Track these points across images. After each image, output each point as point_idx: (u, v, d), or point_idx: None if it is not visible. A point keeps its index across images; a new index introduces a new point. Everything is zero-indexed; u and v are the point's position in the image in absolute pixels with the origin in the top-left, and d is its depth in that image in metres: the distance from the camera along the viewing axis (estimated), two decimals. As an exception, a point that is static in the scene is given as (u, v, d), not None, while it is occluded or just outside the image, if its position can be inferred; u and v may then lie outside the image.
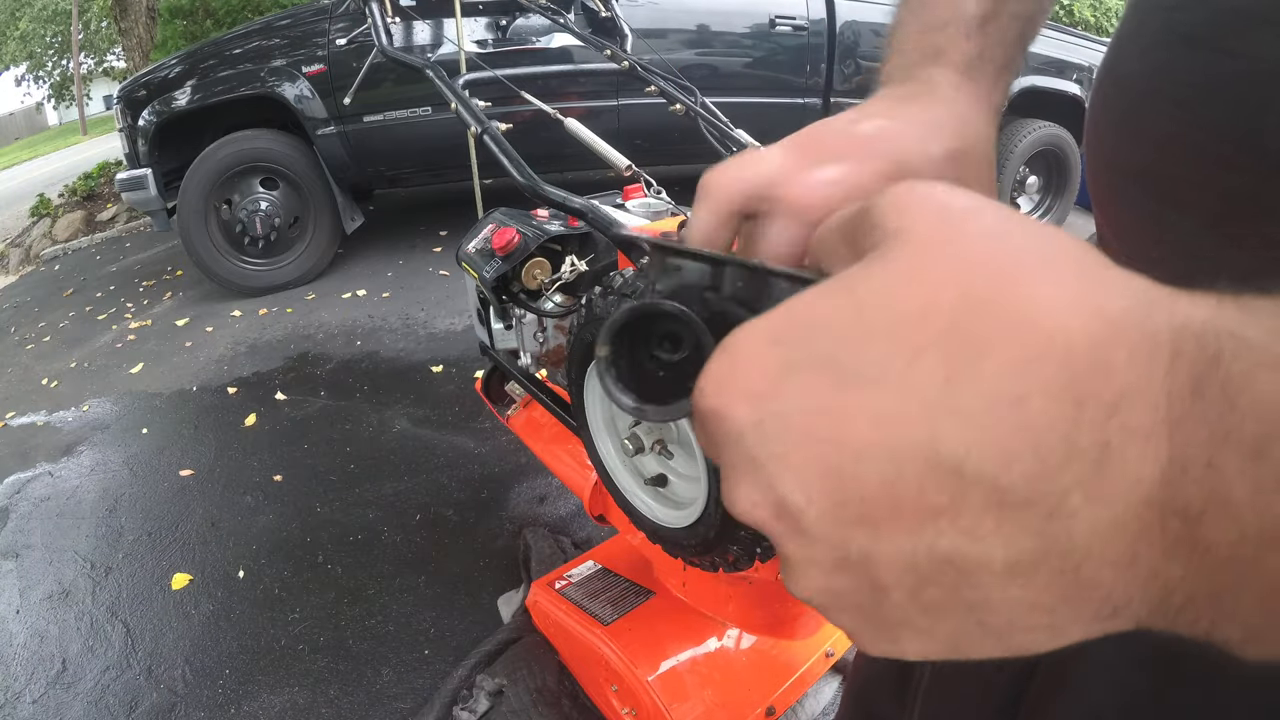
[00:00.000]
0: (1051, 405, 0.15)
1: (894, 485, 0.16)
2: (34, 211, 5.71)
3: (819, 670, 1.14)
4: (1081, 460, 0.15)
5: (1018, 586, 0.16)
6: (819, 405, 0.17)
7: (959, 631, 0.17)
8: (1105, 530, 0.15)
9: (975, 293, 0.16)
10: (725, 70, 3.45)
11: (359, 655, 1.41)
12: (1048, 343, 0.15)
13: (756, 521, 0.19)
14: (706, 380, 0.19)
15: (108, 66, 19.05)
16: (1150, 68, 0.33)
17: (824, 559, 0.18)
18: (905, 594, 0.17)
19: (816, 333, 0.18)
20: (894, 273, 0.17)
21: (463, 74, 1.38)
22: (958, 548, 0.16)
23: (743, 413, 0.18)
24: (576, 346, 0.86)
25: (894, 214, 0.19)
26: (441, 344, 2.69)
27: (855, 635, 0.19)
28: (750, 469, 0.18)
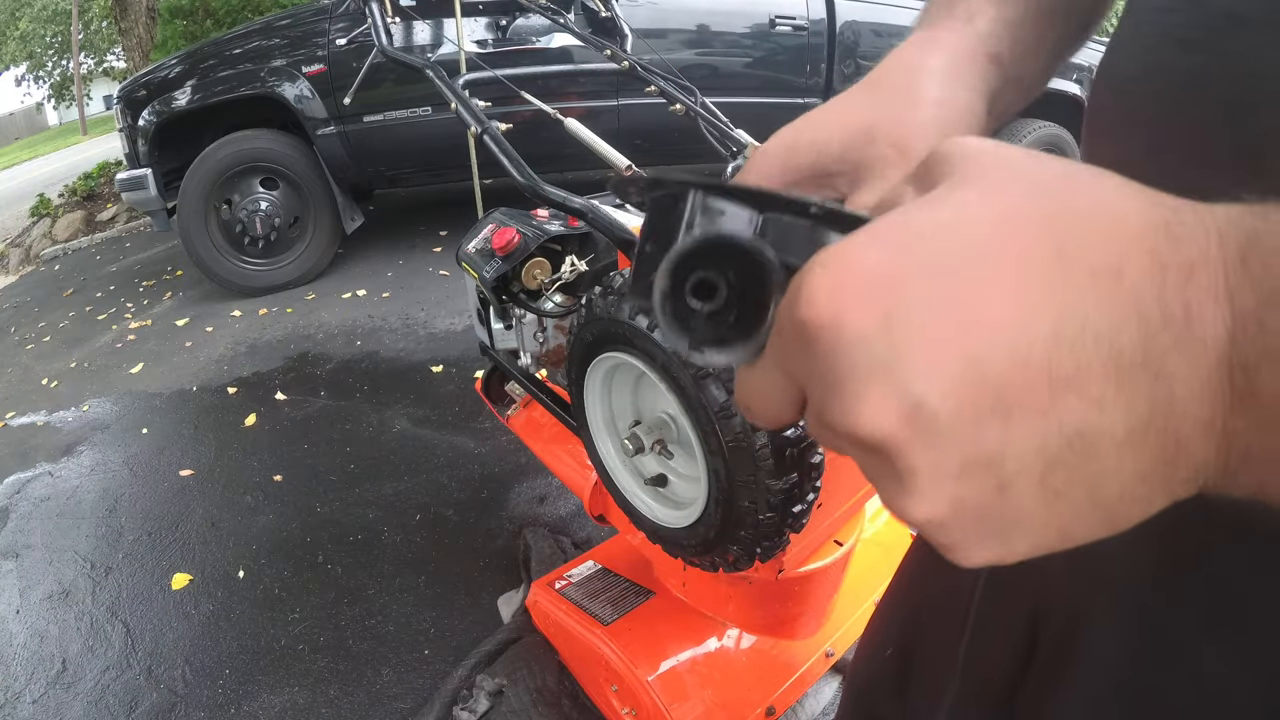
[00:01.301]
0: (1143, 273, 0.17)
1: (1027, 364, 0.17)
2: (34, 211, 5.71)
3: (819, 670, 1.14)
4: (1173, 322, 0.17)
5: (1131, 454, 0.17)
6: (945, 297, 0.18)
7: (1072, 515, 0.18)
8: (1195, 388, 0.17)
9: (1056, 193, 0.18)
10: (725, 70, 3.45)
11: (359, 655, 1.41)
12: (1126, 222, 0.18)
13: (882, 433, 0.18)
14: (814, 291, 0.19)
15: (108, 66, 19.05)
16: (1145, 70, 0.33)
17: (953, 465, 0.18)
18: (1032, 483, 0.18)
19: (922, 236, 0.18)
20: (981, 186, 0.19)
21: (463, 74, 1.37)
22: (1086, 418, 0.17)
23: (866, 315, 0.18)
24: (576, 346, 0.86)
25: (959, 151, 0.20)
26: (441, 344, 2.69)
27: (960, 548, 0.19)
28: (879, 372, 0.18)
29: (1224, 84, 0.29)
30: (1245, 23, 0.28)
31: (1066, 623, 0.38)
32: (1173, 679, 0.33)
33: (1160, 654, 0.34)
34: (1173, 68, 0.31)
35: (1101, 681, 0.36)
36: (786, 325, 0.20)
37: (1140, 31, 0.33)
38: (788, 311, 0.20)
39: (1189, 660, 0.32)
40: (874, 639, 0.63)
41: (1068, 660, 0.38)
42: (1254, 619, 0.31)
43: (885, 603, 0.63)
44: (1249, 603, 0.31)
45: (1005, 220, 0.18)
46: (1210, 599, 0.32)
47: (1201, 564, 0.32)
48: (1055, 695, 0.39)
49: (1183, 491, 0.18)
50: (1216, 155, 0.29)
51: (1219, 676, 0.31)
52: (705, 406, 0.69)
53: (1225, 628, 0.31)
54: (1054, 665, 0.39)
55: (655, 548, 0.91)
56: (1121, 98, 0.34)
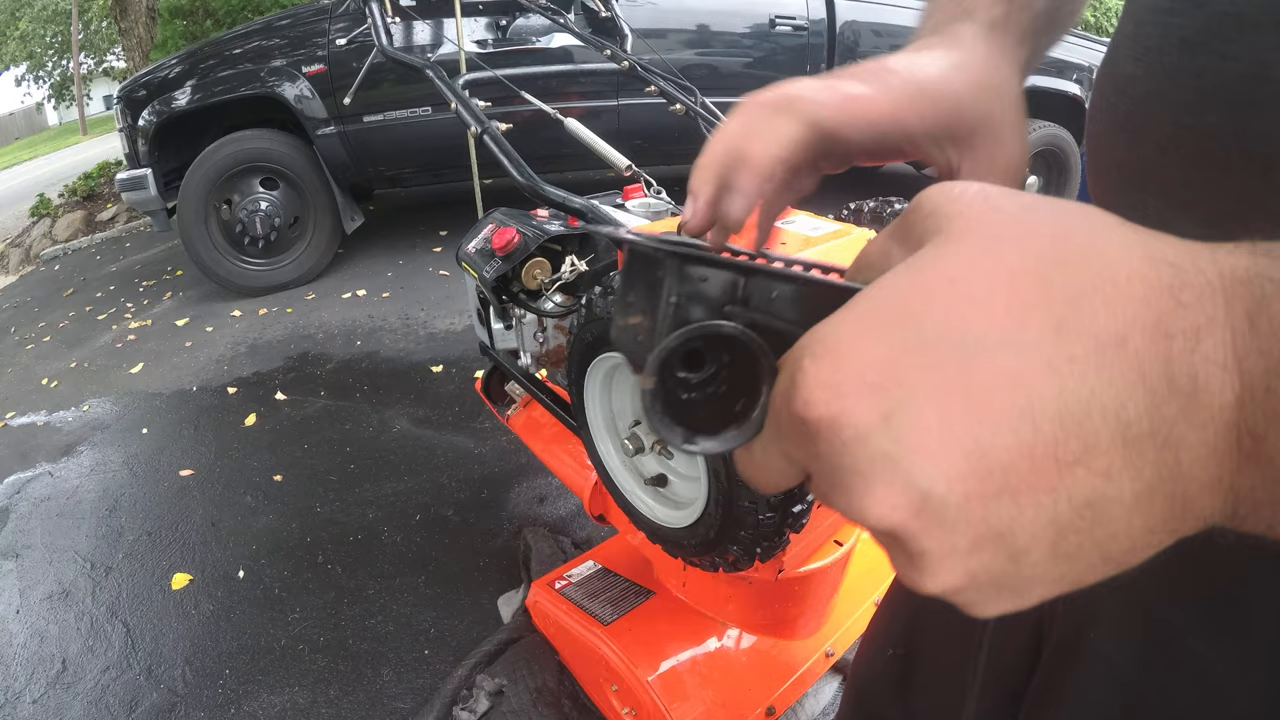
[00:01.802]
0: (1148, 341, 0.17)
1: (1032, 446, 0.17)
2: (34, 211, 5.71)
3: (819, 670, 1.14)
4: (1179, 392, 0.17)
5: (1140, 515, 0.17)
6: (944, 385, 0.17)
7: (1084, 568, 0.18)
8: (1202, 453, 0.17)
9: (1052, 254, 0.18)
10: (725, 70, 3.45)
11: (359, 655, 1.41)
12: (1129, 287, 0.17)
13: (891, 524, 0.18)
14: (811, 390, 0.18)
15: (108, 66, 19.03)
16: (1149, 71, 0.33)
17: (964, 543, 0.18)
18: (1044, 550, 0.18)
19: (915, 314, 0.18)
20: (971, 247, 0.18)
21: (463, 74, 1.38)
22: (1095, 489, 0.17)
23: (865, 412, 0.18)
24: (576, 346, 0.86)
25: (945, 203, 0.20)
26: (441, 344, 2.69)
27: (977, 607, 0.19)
28: (885, 467, 0.17)
29: (1226, 84, 0.29)
30: (1246, 23, 0.28)
31: (1072, 625, 0.38)
32: (1176, 680, 0.33)
33: (1164, 656, 0.34)
34: (1175, 68, 0.31)
35: (1106, 683, 0.36)
36: (785, 418, 0.19)
37: (1142, 32, 0.33)
38: (785, 404, 0.19)
39: (1192, 662, 0.32)
40: (876, 640, 0.63)
41: (1073, 662, 0.38)
42: (1258, 622, 0.31)
43: (887, 604, 0.62)
44: (1253, 606, 0.31)
45: (999, 287, 0.17)
46: (1214, 601, 0.32)
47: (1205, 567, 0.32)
48: (1060, 696, 0.39)
49: (1190, 533, 0.18)
50: (1220, 155, 0.29)
51: (1222, 678, 0.31)
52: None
53: (1229, 630, 0.31)
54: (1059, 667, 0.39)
55: (655, 548, 0.91)
56: (1124, 97, 0.34)
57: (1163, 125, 0.32)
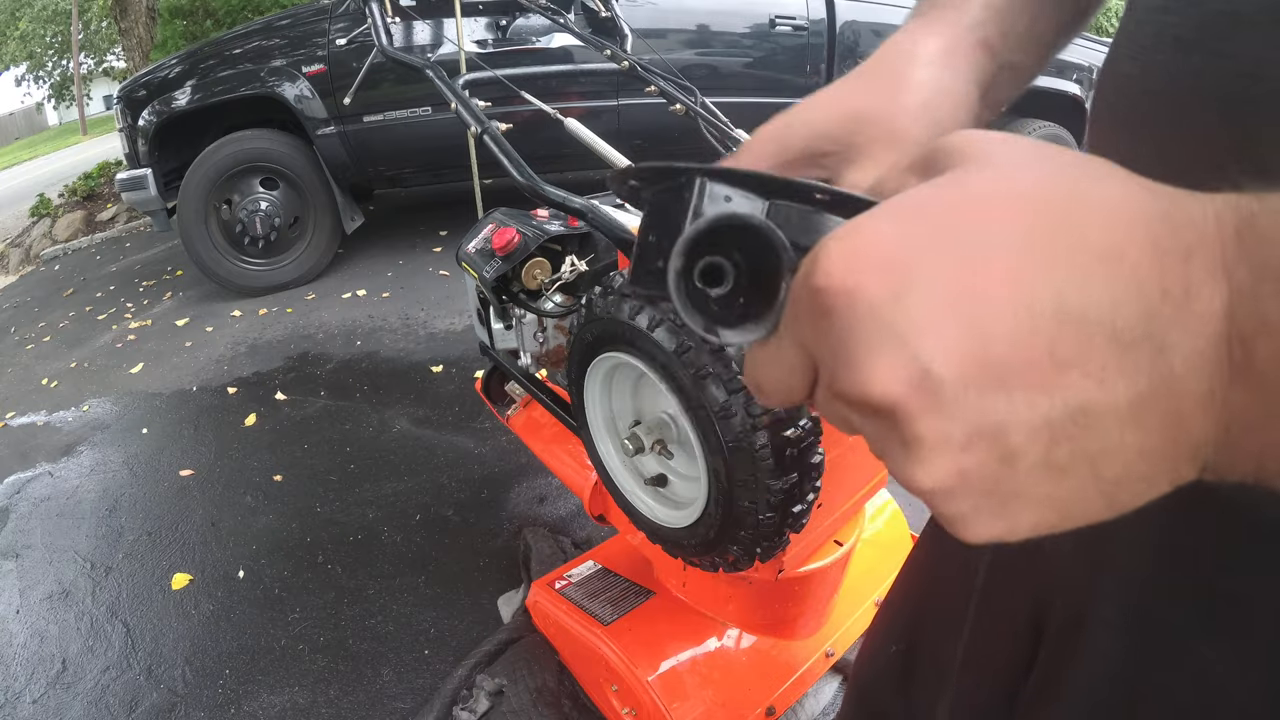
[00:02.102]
0: (1144, 255, 0.18)
1: (1030, 341, 0.18)
2: (34, 211, 5.71)
3: (819, 670, 1.14)
4: (1172, 299, 0.18)
5: (1133, 430, 0.18)
6: (953, 272, 0.18)
7: (1075, 492, 0.19)
8: (1194, 362, 0.18)
9: (1060, 180, 0.19)
10: (725, 70, 3.45)
11: (359, 655, 1.41)
12: (1127, 207, 0.19)
13: (891, 397, 0.19)
14: (831, 262, 0.19)
15: (108, 66, 19.04)
16: (1146, 69, 0.33)
17: (958, 434, 0.18)
18: (1036, 456, 0.18)
19: (932, 214, 0.19)
20: (988, 171, 0.20)
21: (463, 74, 1.37)
22: (1088, 393, 0.18)
23: (879, 285, 0.19)
24: (576, 346, 0.86)
25: (965, 143, 0.21)
26: (441, 344, 2.69)
27: (966, 521, 0.20)
28: (891, 339, 0.18)
29: (1221, 82, 0.29)
30: (1241, 22, 0.28)
31: (1069, 621, 0.38)
32: (1175, 678, 0.33)
33: (1162, 653, 0.34)
34: (1171, 66, 0.31)
35: (1104, 682, 0.36)
36: (802, 296, 0.20)
37: (1140, 30, 0.34)
38: (803, 283, 0.20)
39: (1191, 660, 0.32)
40: (878, 637, 0.63)
41: (1070, 659, 0.38)
42: (1257, 622, 0.31)
43: (889, 601, 0.63)
44: (1251, 604, 0.31)
45: (1011, 202, 0.19)
46: (1213, 601, 0.32)
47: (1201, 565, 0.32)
48: (1057, 694, 0.39)
49: (1184, 472, 0.19)
50: (1216, 153, 0.29)
51: (1221, 676, 0.31)
52: (705, 406, 0.69)
53: (1227, 628, 0.31)
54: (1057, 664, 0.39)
55: (655, 548, 0.91)
56: (1122, 96, 0.35)
57: (1160, 124, 0.32)
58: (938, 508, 0.20)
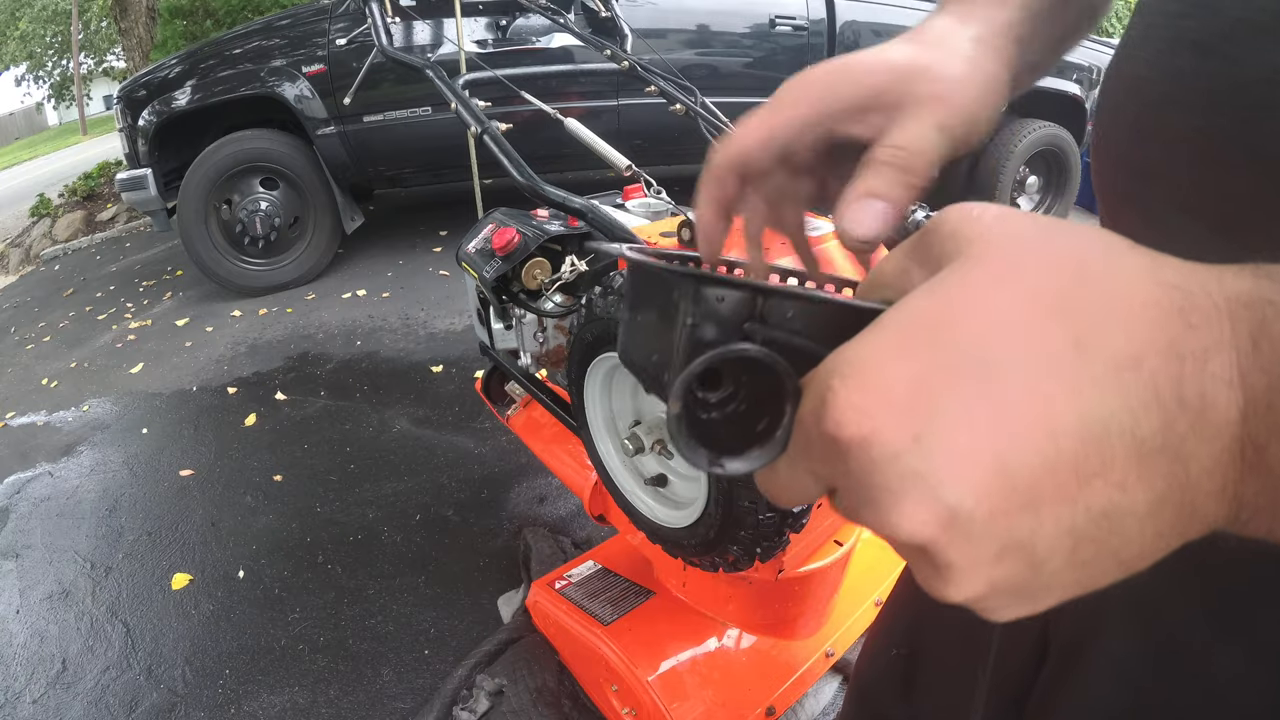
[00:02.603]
0: (1162, 362, 0.18)
1: (1055, 462, 0.18)
2: (34, 211, 5.71)
3: (819, 670, 1.14)
4: (1189, 409, 0.18)
5: (1152, 524, 0.18)
6: (970, 405, 0.18)
7: (1098, 573, 0.19)
8: (1209, 464, 0.18)
9: (1070, 277, 0.19)
10: (725, 70, 3.45)
11: (359, 655, 1.41)
12: (1143, 309, 0.18)
13: (919, 539, 0.18)
14: (841, 410, 0.19)
15: (108, 66, 19.04)
16: (1160, 73, 0.33)
17: (988, 555, 0.18)
18: (1062, 558, 0.19)
19: (940, 336, 0.19)
20: (992, 269, 0.19)
21: (463, 74, 1.37)
22: (1111, 500, 0.18)
23: (896, 431, 0.18)
24: (576, 346, 0.86)
25: (964, 225, 0.20)
26: (441, 344, 2.69)
27: (996, 613, 0.20)
28: (914, 485, 0.18)
29: (1237, 88, 0.29)
30: (1257, 28, 0.28)
31: (1079, 627, 0.38)
32: (1183, 682, 0.33)
33: (1170, 658, 0.34)
34: (1186, 71, 0.31)
35: (1112, 684, 0.36)
36: (814, 437, 0.20)
37: (1153, 34, 0.34)
38: (813, 424, 0.20)
39: (1199, 663, 0.32)
40: (879, 639, 0.63)
41: (1079, 663, 0.38)
42: (1264, 625, 0.31)
43: (890, 604, 0.63)
44: (1259, 609, 0.31)
45: (1022, 307, 0.18)
46: (1220, 604, 0.32)
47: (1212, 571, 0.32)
48: (1066, 697, 0.39)
49: (1195, 538, 0.20)
50: (1230, 158, 0.29)
51: (1229, 680, 0.31)
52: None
53: (1235, 633, 0.31)
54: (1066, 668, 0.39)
55: (655, 548, 0.91)
56: (1133, 99, 0.35)
57: (1172, 128, 0.32)
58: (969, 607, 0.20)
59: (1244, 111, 0.29)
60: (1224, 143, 0.29)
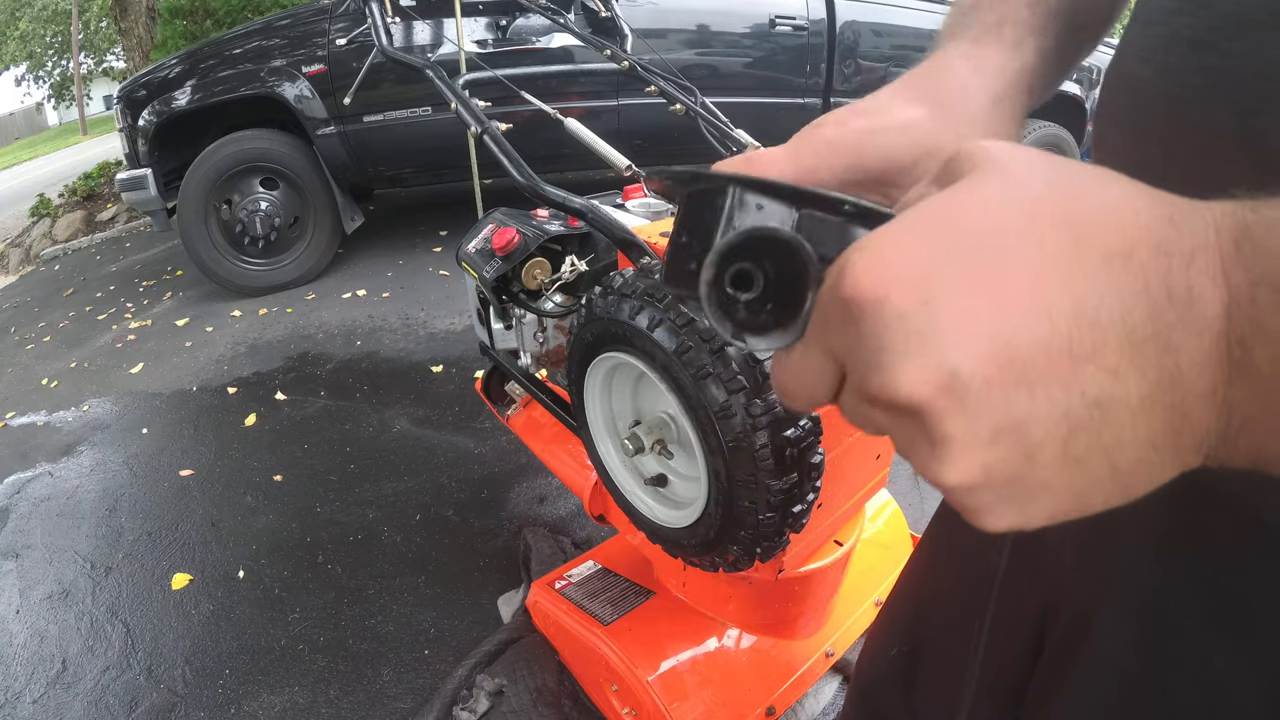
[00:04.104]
0: (1151, 257, 0.19)
1: (1049, 340, 0.19)
2: (34, 211, 5.71)
3: (819, 670, 1.14)
4: (1177, 300, 0.19)
5: (1144, 421, 0.19)
6: (976, 279, 0.19)
7: (1090, 480, 0.20)
8: (1198, 360, 0.19)
9: (1070, 187, 0.20)
10: (725, 70, 3.45)
11: (359, 655, 1.41)
12: (1135, 214, 0.20)
13: (920, 398, 0.19)
14: (858, 273, 0.20)
15: (108, 66, 19.04)
16: (1156, 70, 0.33)
17: (984, 431, 0.19)
18: (1056, 448, 0.19)
19: (952, 225, 0.20)
20: (1002, 179, 0.21)
21: (463, 74, 1.37)
22: (1104, 387, 0.19)
23: (906, 293, 0.20)
24: (576, 346, 0.86)
25: (978, 152, 0.22)
26: (441, 344, 2.69)
27: (986, 512, 0.21)
28: (919, 343, 0.19)
29: (1233, 84, 0.29)
30: (1253, 24, 0.29)
31: (1074, 619, 0.39)
32: (1178, 677, 0.33)
33: (1166, 651, 0.34)
34: (1183, 68, 0.31)
35: (1108, 677, 0.36)
36: (830, 305, 0.21)
37: (1150, 32, 0.34)
38: (831, 293, 0.21)
39: (1194, 659, 0.33)
40: (879, 639, 0.63)
41: (1075, 656, 0.38)
42: (1260, 620, 0.31)
43: (891, 603, 0.63)
44: (1255, 603, 0.31)
45: (1026, 209, 0.20)
46: (1217, 598, 0.32)
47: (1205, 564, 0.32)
48: (1062, 691, 0.39)
49: (1190, 460, 0.20)
50: (1227, 154, 0.29)
51: (1224, 675, 0.32)
52: (705, 406, 0.69)
53: (1231, 628, 0.31)
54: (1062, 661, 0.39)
55: (655, 548, 0.91)
56: (1132, 97, 0.35)
57: (1170, 124, 0.32)
58: (961, 501, 0.21)
59: (1241, 106, 0.29)
60: (1222, 138, 0.30)
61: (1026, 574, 0.43)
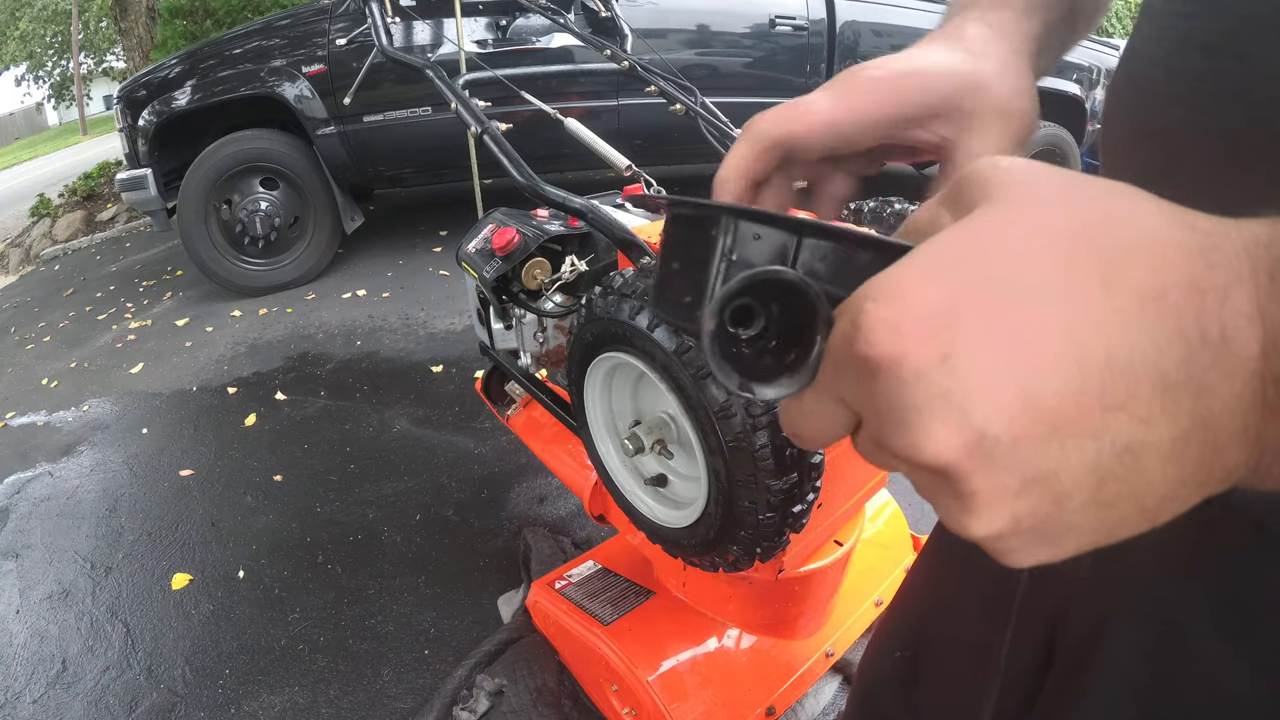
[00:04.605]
0: (1184, 297, 0.18)
1: (1080, 391, 0.18)
2: (34, 211, 5.71)
3: (819, 670, 1.14)
4: (1211, 343, 0.18)
5: (1174, 464, 0.18)
6: (999, 330, 0.18)
7: (1120, 519, 0.19)
8: (1231, 401, 0.18)
9: (1097, 217, 0.19)
10: (725, 70, 3.45)
11: (359, 655, 1.41)
12: (1166, 248, 0.18)
13: (945, 461, 0.19)
14: (872, 329, 0.19)
15: (108, 66, 19.04)
16: (1168, 74, 0.33)
17: (1013, 484, 0.18)
18: (1085, 497, 0.19)
19: (971, 265, 0.19)
20: (1022, 209, 0.19)
21: (463, 74, 1.37)
22: (1135, 435, 0.18)
23: (925, 351, 0.18)
24: (576, 346, 0.86)
25: (994, 173, 0.21)
26: (441, 344, 2.69)
27: (1014, 555, 0.20)
28: (942, 404, 0.18)
29: (1247, 87, 0.29)
30: (1266, 26, 0.28)
31: (1086, 629, 0.38)
32: (1189, 685, 0.33)
33: (1176, 660, 0.34)
34: (1195, 71, 0.31)
35: (1120, 687, 0.36)
36: (843, 359, 0.20)
37: (1161, 35, 0.34)
38: (844, 346, 0.20)
39: (1206, 668, 0.32)
40: (882, 641, 0.63)
41: (1086, 665, 0.38)
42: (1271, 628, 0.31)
43: (894, 606, 0.62)
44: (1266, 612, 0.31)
45: (1049, 244, 0.19)
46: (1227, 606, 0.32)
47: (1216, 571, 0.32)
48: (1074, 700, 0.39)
49: (1218, 489, 0.19)
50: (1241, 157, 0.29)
51: (1236, 685, 0.31)
52: (705, 406, 0.69)
53: (1242, 636, 0.31)
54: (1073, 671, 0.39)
55: (655, 548, 0.91)
56: (1142, 100, 0.34)
57: (1182, 128, 0.32)
58: (989, 547, 0.20)
59: (1254, 111, 0.29)
60: (1234, 142, 0.29)
61: (1039, 581, 0.43)
